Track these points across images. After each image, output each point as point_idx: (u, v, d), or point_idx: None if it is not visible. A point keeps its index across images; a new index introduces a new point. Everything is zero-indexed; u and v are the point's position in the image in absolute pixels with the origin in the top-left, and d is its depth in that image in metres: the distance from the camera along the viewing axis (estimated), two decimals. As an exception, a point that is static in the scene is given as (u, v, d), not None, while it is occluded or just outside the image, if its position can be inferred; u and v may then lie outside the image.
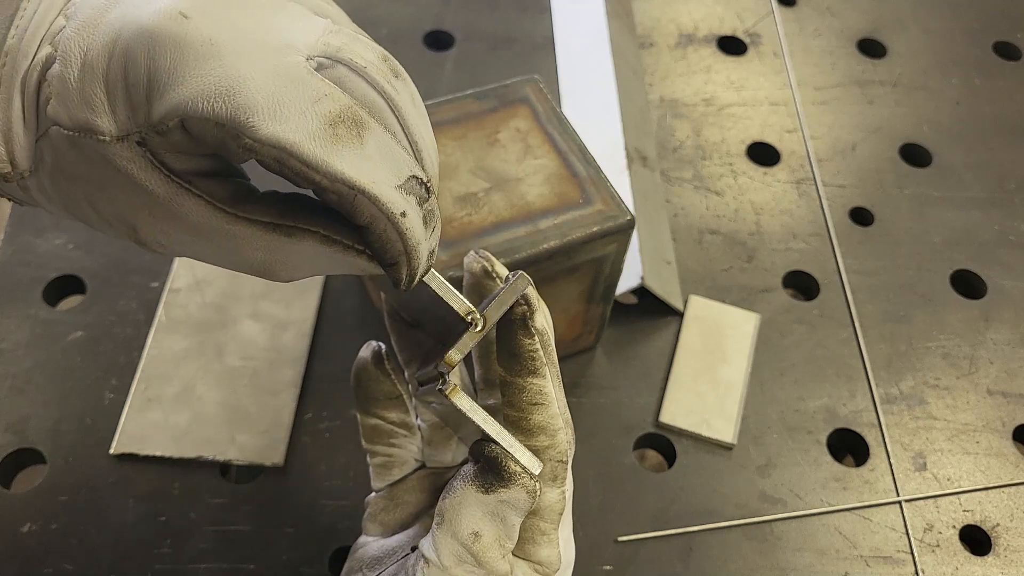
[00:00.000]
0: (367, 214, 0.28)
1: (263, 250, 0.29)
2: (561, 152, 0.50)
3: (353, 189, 0.27)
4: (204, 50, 0.26)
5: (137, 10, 0.27)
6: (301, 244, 0.29)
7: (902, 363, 0.59)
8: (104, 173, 0.28)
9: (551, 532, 0.33)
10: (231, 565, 0.49)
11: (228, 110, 0.26)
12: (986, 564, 0.51)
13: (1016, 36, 0.78)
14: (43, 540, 0.49)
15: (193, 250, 0.30)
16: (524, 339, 0.32)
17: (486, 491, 0.31)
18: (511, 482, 0.31)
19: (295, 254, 0.29)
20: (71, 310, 0.58)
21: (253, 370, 0.55)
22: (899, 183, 0.68)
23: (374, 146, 0.28)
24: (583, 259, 0.48)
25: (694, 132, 0.70)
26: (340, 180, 0.27)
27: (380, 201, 0.27)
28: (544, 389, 0.32)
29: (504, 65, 0.72)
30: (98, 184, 0.28)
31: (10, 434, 0.52)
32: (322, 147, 0.27)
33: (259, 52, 0.27)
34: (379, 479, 0.40)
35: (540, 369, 0.32)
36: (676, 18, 0.77)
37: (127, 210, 0.29)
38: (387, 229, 0.28)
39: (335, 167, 0.27)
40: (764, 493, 0.53)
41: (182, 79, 0.26)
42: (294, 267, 0.30)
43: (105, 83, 0.27)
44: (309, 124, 0.27)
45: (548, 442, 0.32)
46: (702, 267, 0.62)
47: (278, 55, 0.27)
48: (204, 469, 0.52)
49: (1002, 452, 0.55)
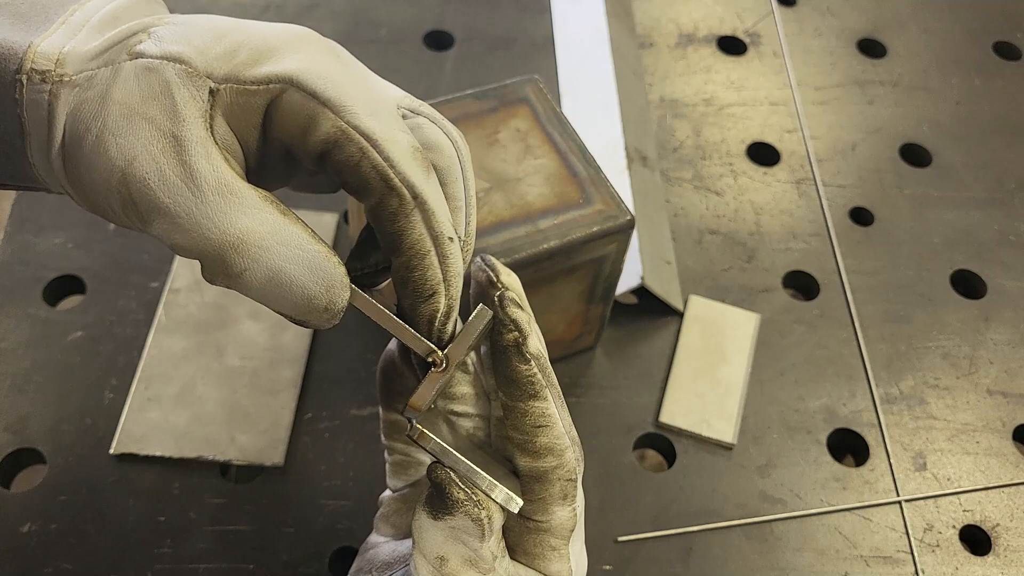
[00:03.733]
0: (417, 231, 0.29)
1: (253, 218, 0.28)
2: (561, 152, 0.50)
3: (417, 198, 0.29)
4: (322, 46, 0.30)
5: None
6: (287, 221, 0.29)
7: (902, 363, 0.59)
8: (146, 101, 0.28)
9: (562, 548, 0.33)
10: (231, 565, 0.49)
11: (337, 93, 0.28)
12: (986, 564, 0.51)
13: (1016, 36, 0.78)
14: (43, 540, 0.49)
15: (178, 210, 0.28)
16: (520, 366, 0.32)
17: (435, 517, 0.31)
18: (455, 510, 0.30)
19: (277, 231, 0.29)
20: (71, 310, 0.58)
21: (253, 370, 0.55)
22: (899, 183, 0.68)
23: (435, 184, 0.30)
24: (583, 259, 0.48)
25: (694, 132, 0.70)
26: (411, 184, 0.28)
27: (436, 217, 0.29)
28: (547, 411, 0.32)
29: (504, 65, 0.72)
30: (126, 113, 0.28)
31: (10, 434, 0.52)
32: (404, 154, 0.29)
33: (360, 82, 0.30)
34: (395, 478, 0.40)
35: (540, 392, 0.32)
36: (676, 18, 0.77)
37: (141, 142, 0.28)
38: (431, 253, 0.29)
39: (411, 171, 0.29)
40: (764, 493, 0.53)
41: (299, 56, 0.29)
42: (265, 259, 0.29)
43: (221, 34, 0.29)
44: (399, 136, 0.29)
45: (556, 462, 0.32)
46: (702, 267, 0.62)
47: (376, 89, 0.30)
48: (204, 469, 0.52)
49: (1002, 452, 0.55)
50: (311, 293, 0.28)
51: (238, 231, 0.27)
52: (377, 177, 0.28)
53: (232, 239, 0.27)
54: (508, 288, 0.33)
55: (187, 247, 0.28)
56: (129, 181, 0.27)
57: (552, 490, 0.32)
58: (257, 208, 0.28)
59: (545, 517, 0.32)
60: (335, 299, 0.29)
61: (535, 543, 0.33)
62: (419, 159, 0.29)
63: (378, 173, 0.28)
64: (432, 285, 0.30)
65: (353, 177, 0.29)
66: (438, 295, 0.30)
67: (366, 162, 0.28)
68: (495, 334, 0.32)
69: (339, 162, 0.28)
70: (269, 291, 0.28)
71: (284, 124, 0.28)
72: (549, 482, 0.32)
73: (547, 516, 0.32)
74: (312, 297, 0.28)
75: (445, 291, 0.30)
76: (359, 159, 0.28)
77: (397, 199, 0.28)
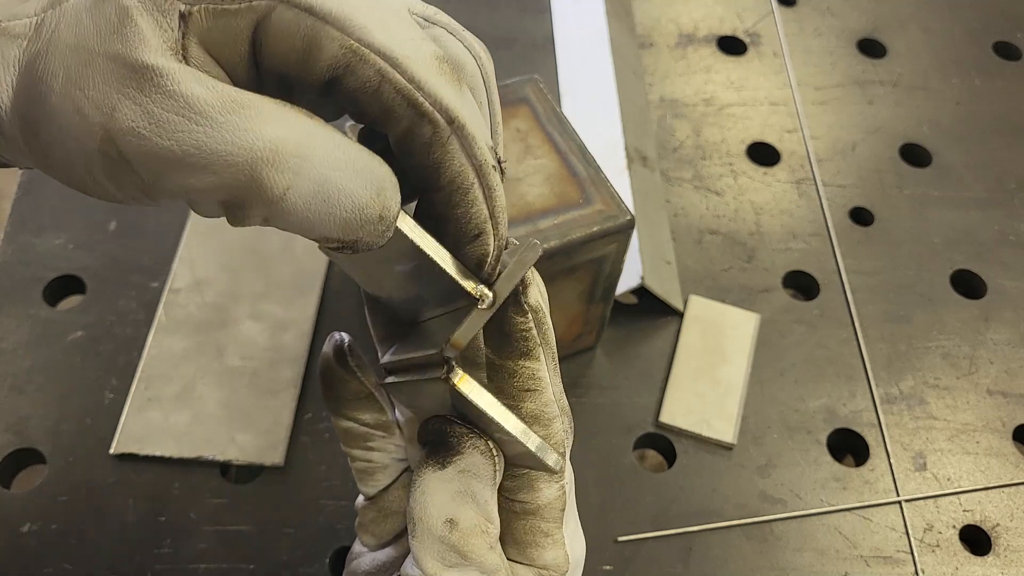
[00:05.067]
0: (456, 161, 0.25)
1: (280, 125, 0.23)
2: (561, 152, 0.50)
3: (453, 123, 0.24)
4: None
5: None
6: (316, 123, 0.24)
7: (902, 363, 0.59)
8: (105, 38, 0.23)
9: (555, 532, 0.30)
10: (231, 565, 0.49)
11: (339, 5, 0.23)
12: (986, 564, 0.51)
13: (1016, 36, 0.78)
14: (43, 540, 0.49)
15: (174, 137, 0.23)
16: (515, 316, 0.28)
17: (442, 466, 0.27)
18: (462, 446, 0.27)
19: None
20: (71, 310, 0.58)
21: (253, 370, 0.55)
22: (899, 183, 0.68)
23: (470, 100, 0.25)
24: (583, 259, 0.48)
25: (694, 132, 0.70)
26: (444, 108, 0.24)
27: (477, 143, 0.25)
28: (537, 373, 0.28)
29: (504, 65, 0.72)
30: (87, 57, 0.23)
31: (10, 434, 0.52)
32: (430, 71, 0.24)
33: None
34: (364, 484, 0.36)
35: (533, 351, 0.28)
36: (676, 18, 0.77)
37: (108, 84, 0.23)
38: (475, 183, 0.25)
39: (442, 91, 0.24)
40: (764, 493, 0.53)
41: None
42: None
43: None
44: (418, 47, 0.24)
45: (543, 432, 0.29)
46: (702, 267, 0.62)
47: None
48: (204, 469, 0.52)
49: (1002, 452, 0.55)
50: (363, 200, 0.24)
51: (268, 142, 0.22)
52: (403, 103, 0.24)
53: (264, 153, 0.22)
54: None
55: (212, 187, 0.23)
56: (115, 136, 0.22)
57: (536, 465, 0.29)
58: (280, 114, 0.23)
59: (530, 496, 0.29)
60: (388, 203, 0.24)
61: (524, 530, 0.30)
62: (448, 74, 0.25)
63: (404, 98, 0.24)
64: (478, 223, 0.26)
65: (372, 106, 0.24)
66: (485, 235, 0.26)
67: (387, 86, 0.24)
68: None
69: (353, 90, 0.24)
70: (315, 209, 0.23)
71: (277, 50, 0.24)
72: (532, 458, 0.28)
73: (532, 494, 0.29)
74: (365, 205, 0.24)
75: (494, 229, 0.26)
76: (378, 83, 0.24)
77: (430, 126, 0.24)
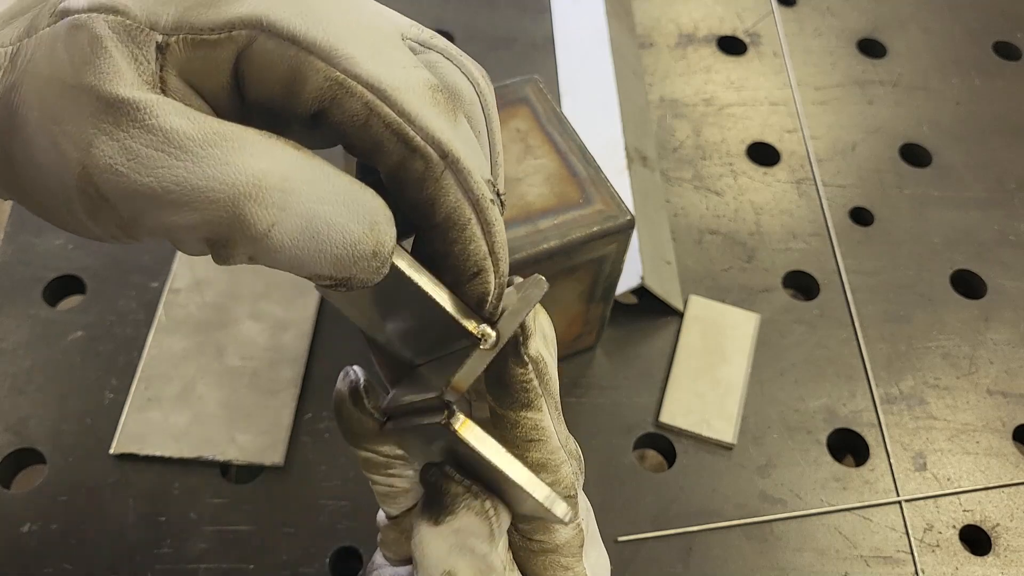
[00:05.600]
0: (451, 197, 0.24)
1: (264, 158, 0.22)
2: (561, 152, 0.50)
3: (446, 157, 0.23)
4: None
5: None
6: (304, 154, 0.23)
7: (902, 363, 0.59)
8: (79, 69, 0.21)
9: (575, 566, 0.30)
10: (231, 565, 0.49)
11: (324, 34, 0.22)
12: (986, 564, 0.51)
13: (1016, 36, 0.78)
14: (43, 540, 0.49)
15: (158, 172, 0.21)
16: (516, 368, 0.27)
17: (436, 523, 0.27)
18: (455, 506, 0.27)
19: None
20: (71, 310, 0.58)
21: (253, 370, 0.55)
22: (899, 183, 0.68)
23: (465, 131, 0.24)
24: (583, 259, 0.48)
25: (694, 132, 0.70)
26: (436, 142, 0.23)
27: (472, 178, 0.23)
28: (540, 423, 0.28)
29: (504, 65, 0.72)
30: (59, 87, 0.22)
31: (10, 434, 0.52)
32: (422, 102, 0.23)
33: (352, 12, 0.24)
34: (386, 506, 0.36)
35: (535, 402, 0.27)
36: (676, 18, 0.77)
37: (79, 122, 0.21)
38: (471, 220, 0.24)
39: (434, 124, 0.23)
40: (764, 493, 0.53)
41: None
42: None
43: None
44: (409, 77, 0.23)
45: (551, 479, 0.28)
46: (702, 267, 0.62)
47: (373, 19, 0.24)
48: (204, 469, 0.52)
49: (1002, 452, 0.55)
50: (355, 236, 0.22)
51: (251, 176, 0.21)
52: (392, 137, 0.23)
53: (247, 188, 0.21)
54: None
55: (194, 224, 0.21)
56: (92, 173, 0.21)
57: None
58: (264, 146, 0.22)
59: (547, 536, 0.29)
60: (382, 238, 0.23)
61: (544, 565, 0.30)
62: (442, 104, 0.24)
63: (393, 132, 0.23)
64: (477, 261, 0.25)
65: (361, 139, 0.23)
66: (485, 272, 0.25)
67: (375, 120, 0.23)
68: None
69: (339, 123, 0.23)
70: (303, 246, 0.22)
71: (260, 81, 0.23)
72: None
73: (549, 536, 0.29)
74: (357, 241, 0.22)
75: (494, 266, 0.25)
76: (366, 117, 0.23)
77: (422, 161, 0.23)
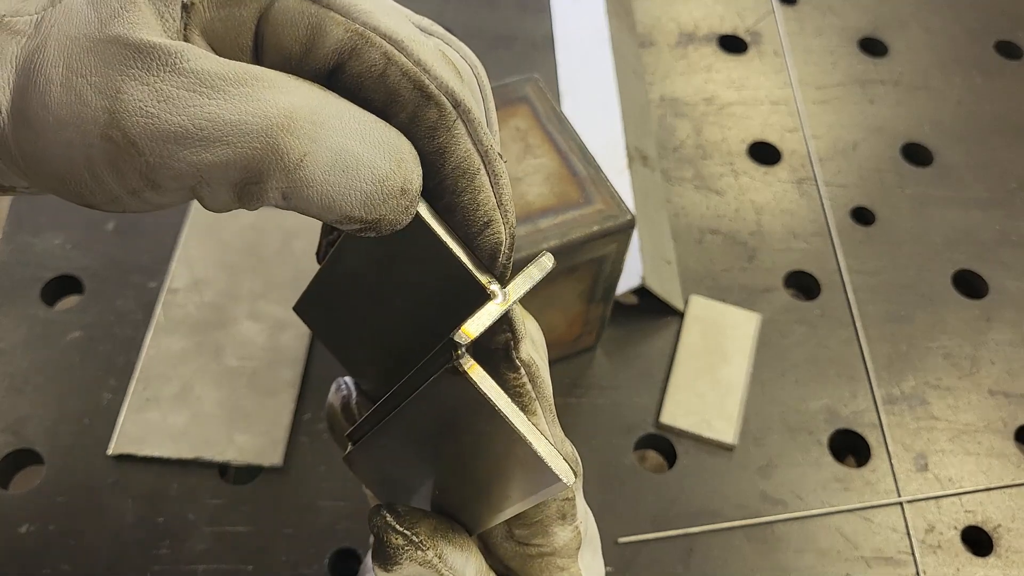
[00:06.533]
0: (462, 146, 0.24)
1: (294, 95, 0.22)
2: (561, 151, 0.49)
3: (459, 107, 0.24)
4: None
5: None
6: (330, 94, 0.23)
7: (903, 363, 0.58)
8: (107, 23, 0.22)
9: (570, 566, 0.31)
10: (230, 566, 0.49)
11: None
12: (987, 565, 0.51)
13: (1017, 35, 0.78)
14: (41, 541, 0.49)
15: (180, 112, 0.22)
16: (508, 373, 0.27)
17: (386, 569, 0.27)
18: (399, 558, 0.27)
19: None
20: (69, 310, 0.57)
21: (252, 370, 0.55)
22: (900, 183, 0.68)
23: (472, 91, 0.26)
24: (583, 259, 0.48)
25: (695, 131, 0.69)
26: (450, 91, 0.24)
27: (482, 128, 0.24)
28: (536, 426, 0.28)
29: (504, 64, 0.72)
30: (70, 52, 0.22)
31: (8, 435, 0.52)
32: (434, 57, 0.24)
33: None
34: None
35: (529, 406, 0.28)
36: (676, 17, 0.77)
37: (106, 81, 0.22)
38: (481, 170, 0.24)
39: (447, 75, 0.24)
40: (765, 494, 0.53)
41: None
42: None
43: None
44: (425, 38, 0.24)
45: None
46: (703, 267, 0.62)
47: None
48: (202, 470, 0.52)
49: (1003, 453, 0.55)
50: (383, 171, 0.23)
51: (283, 108, 0.22)
52: (409, 85, 0.23)
53: (280, 119, 0.22)
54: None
55: (227, 161, 0.22)
56: (121, 118, 0.21)
57: (548, 512, 0.29)
58: (293, 84, 0.22)
59: (545, 540, 0.30)
60: (410, 174, 0.23)
61: (540, 567, 0.30)
62: (451, 66, 0.25)
63: (410, 80, 0.23)
64: (487, 211, 0.25)
65: (378, 90, 0.24)
66: (495, 223, 0.25)
67: (393, 68, 0.23)
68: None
69: (359, 74, 0.24)
70: (334, 181, 0.22)
71: (282, 39, 0.23)
72: (544, 504, 0.29)
73: (547, 539, 0.30)
74: (386, 176, 0.23)
75: (503, 216, 0.25)
76: (384, 66, 0.23)
77: (436, 109, 0.24)
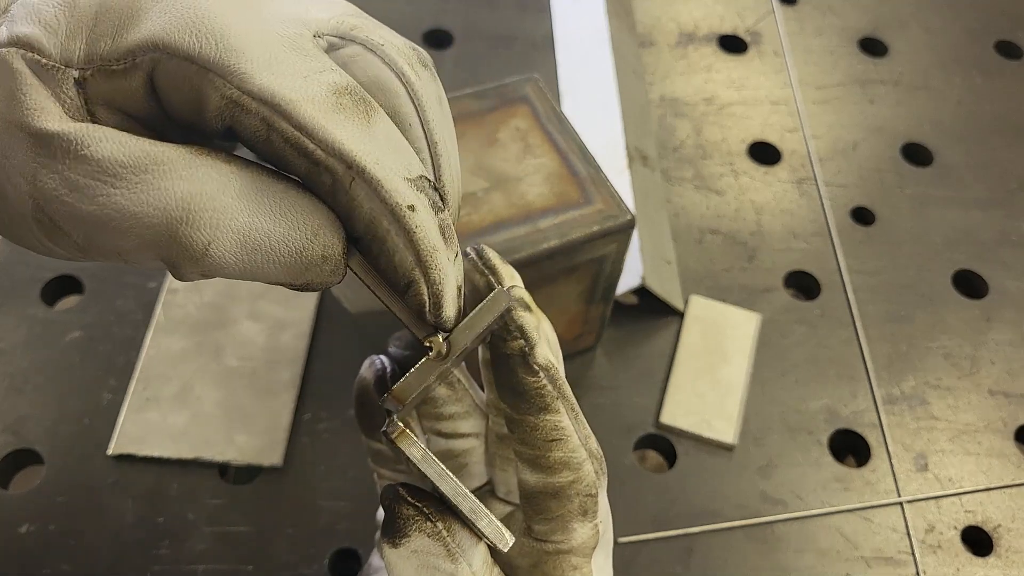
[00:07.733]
0: (365, 208, 0.23)
1: (190, 180, 0.22)
2: (561, 151, 0.49)
3: (351, 168, 0.22)
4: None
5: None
6: (234, 167, 0.23)
7: (903, 363, 0.58)
8: (6, 103, 0.22)
9: (583, 566, 0.30)
10: (230, 566, 0.49)
11: (217, 50, 0.22)
12: (988, 565, 0.51)
13: (1018, 35, 0.78)
14: (41, 541, 0.49)
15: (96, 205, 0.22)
16: (527, 377, 0.28)
17: (394, 544, 0.27)
18: (408, 528, 0.26)
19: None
20: (69, 310, 0.57)
21: (252, 370, 0.55)
22: (900, 183, 0.68)
23: (383, 132, 0.23)
24: (583, 259, 0.48)
25: (695, 131, 0.69)
26: (338, 152, 0.22)
27: (382, 186, 0.23)
28: (560, 424, 0.28)
29: (504, 64, 0.72)
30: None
31: (8, 434, 0.52)
32: (322, 112, 0.22)
33: (252, 17, 0.23)
34: None
35: (551, 405, 0.28)
36: (676, 17, 0.77)
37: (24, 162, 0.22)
38: (390, 231, 0.23)
39: (334, 134, 0.22)
40: (765, 494, 0.53)
41: (168, 11, 0.22)
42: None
43: (72, 6, 0.22)
44: (309, 87, 0.23)
45: (572, 477, 0.29)
46: (703, 267, 0.62)
47: (280, 24, 0.23)
48: (202, 470, 0.52)
49: (1004, 453, 0.55)
50: (298, 244, 0.22)
51: (179, 200, 0.21)
52: (294, 152, 0.22)
53: (177, 212, 0.21)
54: (513, 287, 0.29)
55: (139, 247, 0.22)
56: (42, 203, 0.22)
57: (571, 507, 0.29)
58: (190, 166, 0.22)
59: (564, 536, 0.30)
60: (329, 242, 0.23)
61: (555, 565, 0.30)
62: (349, 109, 0.23)
63: (293, 147, 0.22)
64: (404, 272, 0.24)
65: (267, 154, 0.23)
66: (416, 283, 0.24)
67: (275, 135, 0.22)
68: (497, 340, 0.28)
69: (247, 139, 0.23)
70: (248, 260, 0.22)
71: (173, 104, 0.23)
72: (567, 498, 0.29)
73: (567, 535, 0.30)
74: (302, 248, 0.23)
75: (424, 276, 0.24)
76: (266, 133, 0.22)
77: (328, 175, 0.22)
